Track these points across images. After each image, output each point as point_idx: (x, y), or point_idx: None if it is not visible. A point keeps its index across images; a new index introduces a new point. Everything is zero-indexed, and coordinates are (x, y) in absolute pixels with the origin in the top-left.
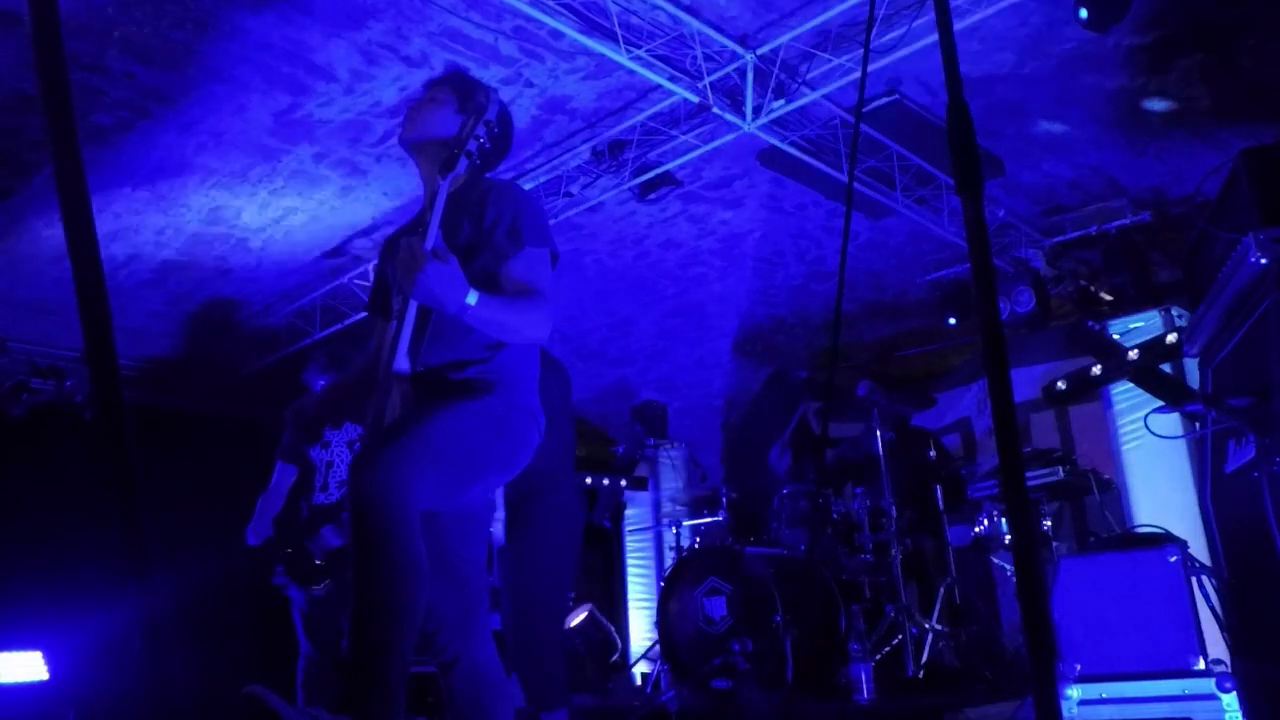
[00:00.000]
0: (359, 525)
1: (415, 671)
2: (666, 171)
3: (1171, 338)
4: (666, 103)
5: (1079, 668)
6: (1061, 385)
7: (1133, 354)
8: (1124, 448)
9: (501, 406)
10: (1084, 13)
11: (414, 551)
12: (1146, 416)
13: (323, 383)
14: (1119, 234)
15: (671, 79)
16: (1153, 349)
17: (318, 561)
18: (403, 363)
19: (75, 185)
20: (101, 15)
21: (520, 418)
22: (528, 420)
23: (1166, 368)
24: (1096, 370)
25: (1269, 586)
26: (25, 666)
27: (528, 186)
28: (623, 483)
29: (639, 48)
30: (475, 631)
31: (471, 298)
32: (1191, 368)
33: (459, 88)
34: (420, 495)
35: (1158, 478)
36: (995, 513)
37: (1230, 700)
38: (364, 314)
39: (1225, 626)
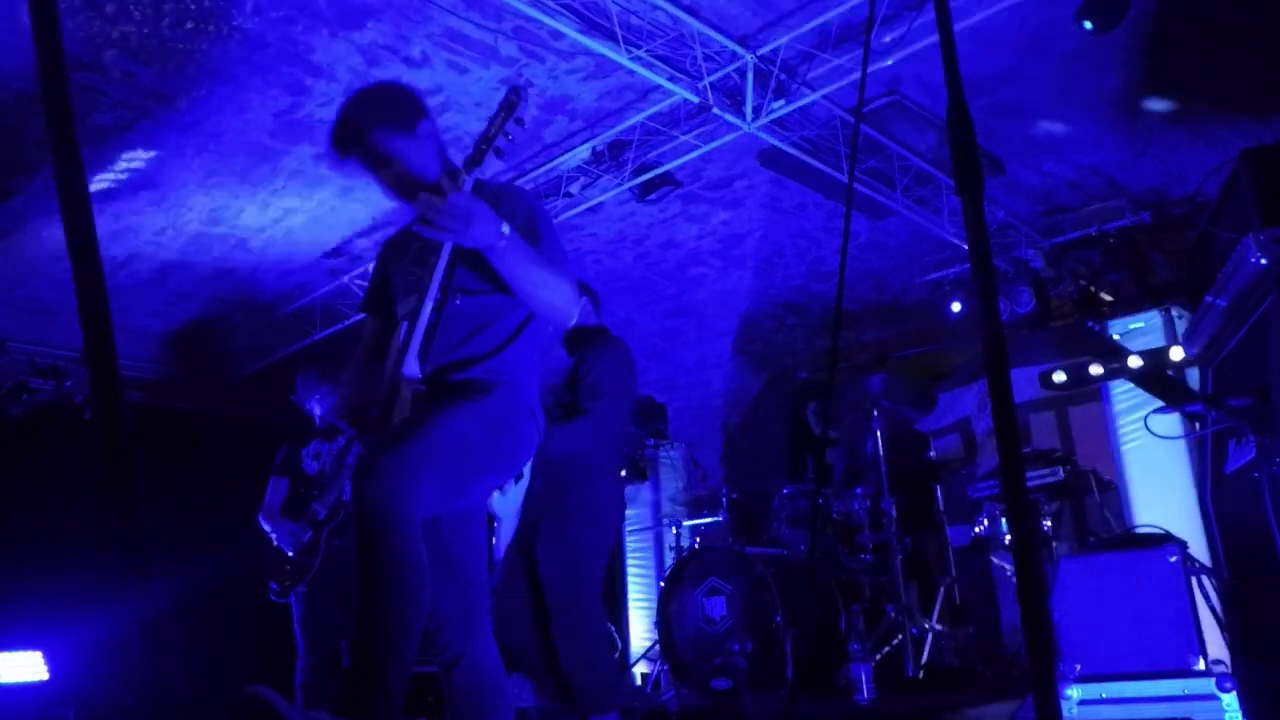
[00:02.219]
0: (362, 532)
1: (415, 671)
2: (666, 172)
3: (1176, 353)
4: (666, 103)
5: (1079, 668)
6: (1060, 377)
7: (1134, 360)
8: (1124, 448)
9: (502, 407)
10: (1088, 24)
11: (416, 558)
12: (1146, 416)
13: (316, 399)
14: (1119, 234)
15: (671, 79)
16: (1156, 358)
17: (293, 557)
18: (413, 367)
19: (75, 185)
20: (101, 15)
21: (520, 417)
22: (527, 419)
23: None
24: (1096, 369)
25: (1269, 586)
26: (25, 666)
27: (527, 186)
28: (623, 472)
29: (639, 48)
30: (477, 631)
31: (505, 227)
32: (1191, 368)
33: (381, 116)
34: (423, 501)
35: (1158, 478)
36: (995, 513)
37: (1230, 700)
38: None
39: (1225, 626)
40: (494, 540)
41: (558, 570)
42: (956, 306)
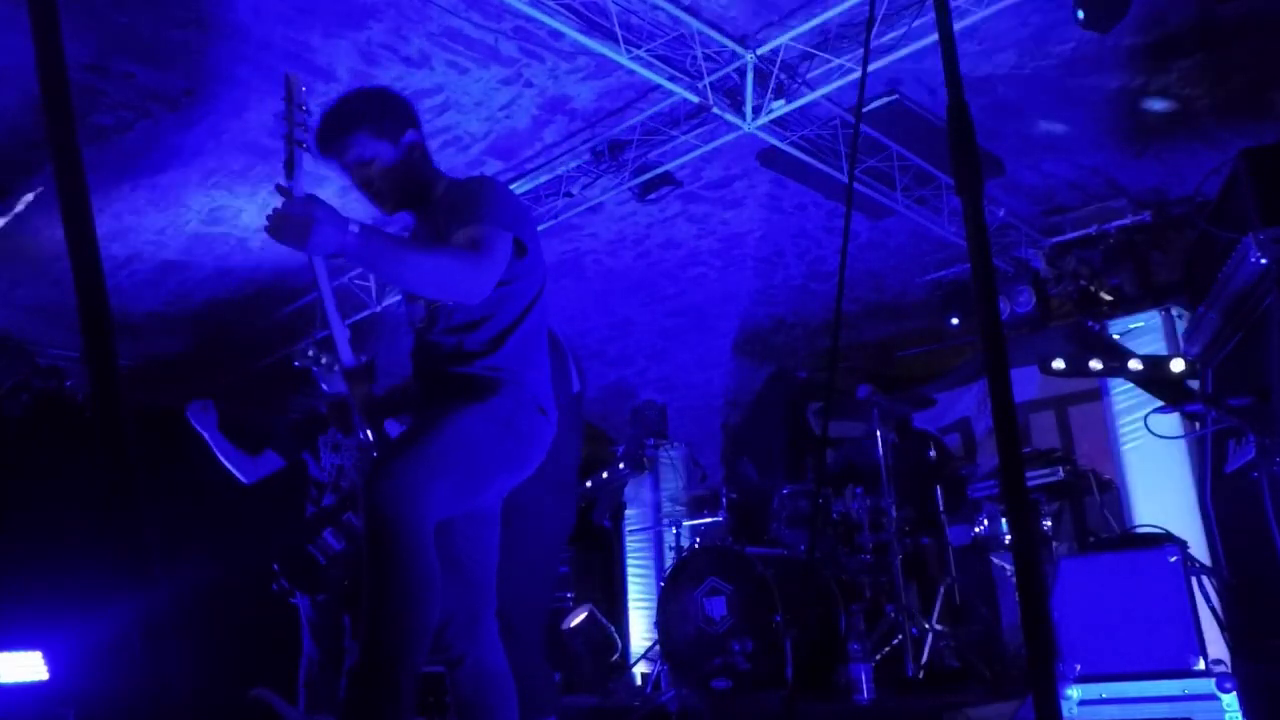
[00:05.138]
0: (373, 536)
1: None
2: (666, 172)
3: (1177, 364)
4: (666, 103)
5: (1079, 668)
6: (1059, 364)
7: (1135, 364)
8: (1124, 448)
9: (509, 406)
10: (1081, 13)
11: (427, 562)
12: (1146, 416)
13: (328, 388)
14: (1119, 234)
15: (671, 79)
16: (1156, 366)
17: (322, 563)
18: (349, 358)
19: (75, 185)
20: (101, 15)
21: (529, 414)
22: (537, 417)
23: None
24: (1095, 365)
25: (1269, 586)
26: (25, 666)
27: (527, 187)
28: (621, 466)
29: (639, 48)
30: (481, 633)
31: (354, 227)
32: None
33: (365, 119)
34: (433, 505)
35: (1158, 478)
36: (995, 513)
37: (1230, 700)
38: (363, 314)
39: (1225, 626)
40: None
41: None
42: (956, 320)
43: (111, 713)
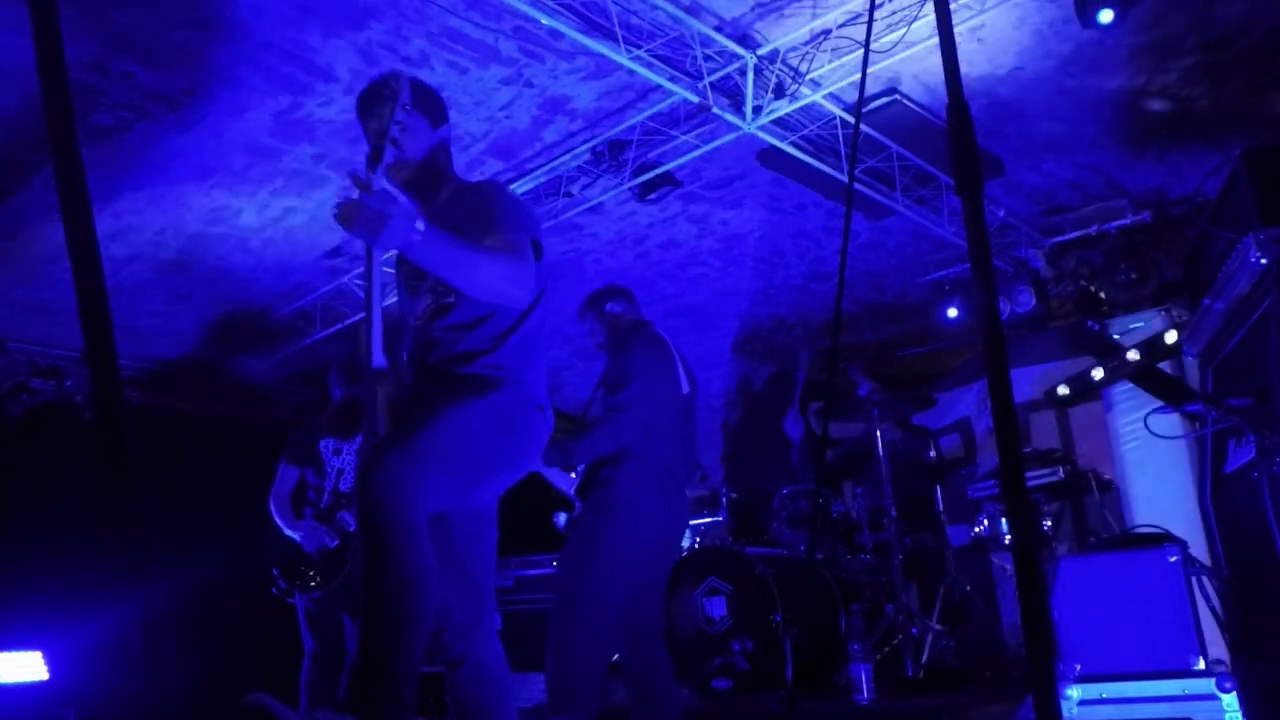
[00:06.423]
0: (367, 530)
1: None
2: (666, 172)
3: (1171, 336)
4: (666, 103)
5: (1079, 668)
6: (1064, 390)
7: (1132, 354)
8: (1124, 448)
9: (508, 403)
10: (1108, 16)
11: (421, 556)
12: (1146, 416)
13: (339, 393)
14: (1119, 234)
15: (671, 79)
16: (1153, 348)
17: (314, 560)
18: (379, 358)
19: (75, 185)
20: (101, 15)
21: (527, 413)
22: (535, 415)
23: (1166, 367)
24: (1098, 374)
25: (1269, 586)
26: (25, 666)
27: (527, 187)
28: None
29: (639, 48)
30: (479, 632)
31: (419, 224)
32: (1191, 368)
33: (417, 93)
34: (427, 499)
35: (1158, 478)
36: (995, 513)
37: (1230, 700)
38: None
39: (1225, 626)
40: None
41: (562, 565)
42: (953, 312)
43: (111, 713)
